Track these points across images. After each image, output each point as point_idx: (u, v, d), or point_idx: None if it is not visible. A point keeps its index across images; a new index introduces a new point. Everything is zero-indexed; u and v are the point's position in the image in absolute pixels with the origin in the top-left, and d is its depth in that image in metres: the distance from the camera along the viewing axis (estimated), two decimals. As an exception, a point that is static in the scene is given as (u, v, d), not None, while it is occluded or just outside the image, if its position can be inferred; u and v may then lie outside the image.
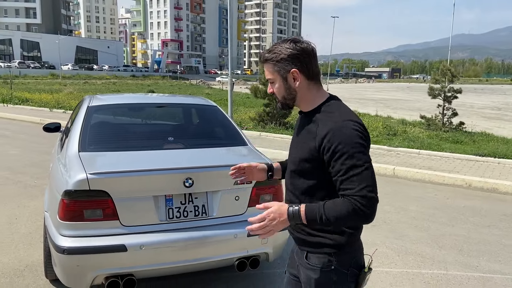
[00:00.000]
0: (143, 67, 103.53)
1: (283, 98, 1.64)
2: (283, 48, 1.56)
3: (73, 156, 3.00)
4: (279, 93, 1.63)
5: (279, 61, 1.56)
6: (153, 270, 2.78)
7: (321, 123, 1.53)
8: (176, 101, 4.15)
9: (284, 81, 1.59)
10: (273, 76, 1.61)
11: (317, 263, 1.59)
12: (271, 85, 1.66)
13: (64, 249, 2.59)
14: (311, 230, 1.60)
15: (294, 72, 1.56)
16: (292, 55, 1.55)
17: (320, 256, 1.60)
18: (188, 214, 2.85)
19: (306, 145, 1.56)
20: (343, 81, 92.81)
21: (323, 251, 1.59)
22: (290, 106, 1.66)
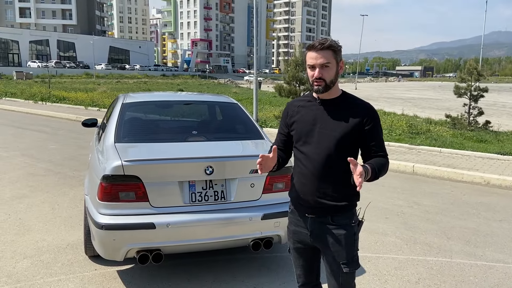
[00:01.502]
0: (173, 66, 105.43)
1: (331, 81, 1.98)
2: (335, 42, 1.98)
3: (110, 146, 3.43)
4: (329, 76, 1.97)
5: (339, 50, 1.98)
6: (178, 246, 3.17)
7: (357, 106, 2.02)
8: (201, 98, 4.55)
9: (337, 67, 1.99)
10: (331, 62, 1.95)
11: (345, 221, 2.05)
12: (321, 70, 1.95)
13: (103, 225, 3.01)
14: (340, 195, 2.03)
15: (342, 62, 2.02)
16: (341, 49, 1.99)
17: (346, 215, 2.06)
18: (209, 198, 3.22)
19: (346, 122, 1.98)
20: (372, 80, 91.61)
21: (348, 210, 2.06)
22: (329, 89, 2.00)
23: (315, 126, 2.04)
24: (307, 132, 2.06)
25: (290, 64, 11.32)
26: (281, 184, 3.44)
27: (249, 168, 3.29)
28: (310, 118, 2.07)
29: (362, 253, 4.00)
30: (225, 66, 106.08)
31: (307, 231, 2.12)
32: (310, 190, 2.06)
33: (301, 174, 2.10)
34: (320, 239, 2.09)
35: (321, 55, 1.94)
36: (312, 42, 1.98)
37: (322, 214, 2.06)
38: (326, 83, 1.97)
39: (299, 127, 2.11)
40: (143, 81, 52.98)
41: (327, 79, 1.97)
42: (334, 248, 2.06)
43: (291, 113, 2.17)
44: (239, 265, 3.71)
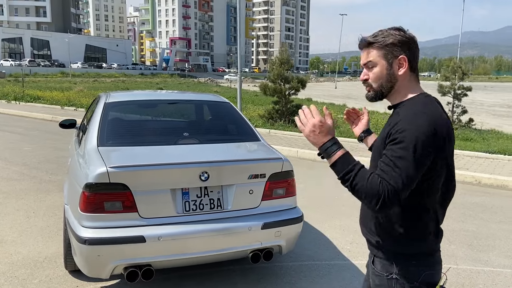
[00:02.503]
0: (151, 65, 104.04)
1: (379, 85, 1.53)
2: (390, 34, 1.50)
3: (92, 151, 3.09)
4: (377, 79, 1.53)
5: (387, 45, 1.49)
6: (170, 261, 2.87)
7: (401, 114, 1.46)
8: (190, 97, 4.25)
9: (388, 67, 1.51)
10: (375, 60, 1.51)
11: (380, 270, 1.54)
12: (366, 71, 1.56)
13: (86, 239, 2.68)
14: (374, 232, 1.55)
15: (402, 59, 1.50)
16: (402, 41, 1.49)
17: (383, 262, 1.53)
18: (204, 207, 2.94)
19: (380, 139, 1.52)
20: (351, 79, 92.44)
21: (385, 256, 1.53)
22: (384, 95, 1.55)
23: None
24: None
25: (275, 63, 11.09)
26: (281, 190, 3.18)
27: (248, 173, 3.02)
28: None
29: (365, 261, 3.75)
30: (204, 65, 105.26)
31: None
32: (361, 213, 1.70)
33: None
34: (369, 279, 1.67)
35: (365, 53, 1.54)
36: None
37: (371, 249, 1.62)
38: (373, 87, 1.55)
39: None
40: (121, 80, 52.03)
41: (373, 82, 1.54)
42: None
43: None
44: (236, 277, 3.44)
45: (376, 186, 1.35)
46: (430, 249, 1.51)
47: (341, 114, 14.75)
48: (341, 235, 4.38)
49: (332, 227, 4.59)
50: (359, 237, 4.34)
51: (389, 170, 1.36)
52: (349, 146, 9.31)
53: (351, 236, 4.37)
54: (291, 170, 3.22)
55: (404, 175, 1.34)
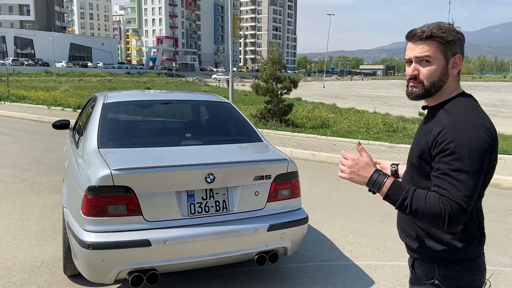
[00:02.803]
0: (137, 64, 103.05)
1: (431, 84, 1.43)
2: (449, 29, 1.41)
3: (93, 152, 3.02)
4: (430, 76, 1.43)
5: (449, 41, 1.40)
6: (176, 265, 2.82)
7: (441, 118, 1.41)
8: (190, 97, 4.18)
9: (445, 65, 1.42)
10: (434, 56, 1.41)
11: (420, 274, 1.52)
12: (417, 65, 1.45)
13: (89, 244, 2.61)
14: (414, 236, 1.52)
15: (458, 57, 1.43)
16: (459, 39, 1.42)
17: (423, 266, 1.51)
18: (209, 209, 2.89)
19: (421, 140, 1.46)
20: (338, 78, 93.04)
21: (426, 260, 1.50)
22: (432, 94, 1.46)
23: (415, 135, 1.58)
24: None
25: (267, 62, 11.05)
26: (286, 191, 3.15)
27: (253, 174, 2.99)
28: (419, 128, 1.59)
29: (367, 261, 3.78)
30: (192, 64, 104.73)
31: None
32: (398, 219, 1.66)
33: None
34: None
35: (424, 45, 1.41)
36: (412, 30, 1.46)
37: (410, 254, 1.60)
38: (424, 85, 1.44)
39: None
40: (107, 79, 51.40)
41: (425, 79, 1.43)
42: None
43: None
44: (240, 280, 3.40)
45: (436, 205, 1.31)
46: (474, 254, 1.47)
47: (332, 113, 14.83)
48: (341, 236, 4.37)
49: (332, 228, 4.58)
50: (359, 237, 4.34)
51: (448, 186, 1.31)
52: (343, 145, 9.34)
53: (351, 236, 4.36)
54: (296, 171, 3.19)
55: (465, 187, 1.30)
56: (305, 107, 15.95)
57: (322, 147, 9.10)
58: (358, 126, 11.55)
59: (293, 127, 11.15)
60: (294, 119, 12.00)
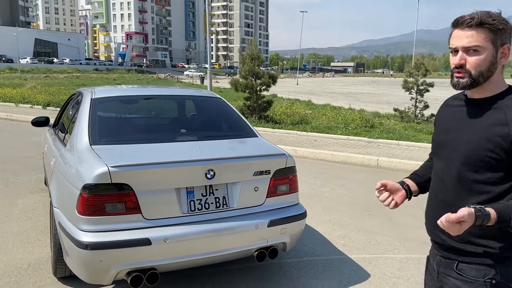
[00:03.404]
0: (106, 60, 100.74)
1: (480, 73, 1.40)
2: (499, 18, 1.37)
3: (85, 150, 2.91)
4: (479, 66, 1.39)
5: (500, 30, 1.37)
6: (176, 263, 2.75)
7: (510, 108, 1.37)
8: (182, 93, 4.09)
9: (494, 54, 1.39)
10: (483, 44, 1.38)
11: (474, 275, 1.44)
12: (464, 54, 1.41)
13: (87, 244, 2.52)
14: (472, 238, 1.44)
15: (507, 47, 1.40)
16: (510, 29, 1.39)
17: (479, 267, 1.44)
18: (210, 206, 2.84)
19: (488, 132, 1.39)
20: (310, 75, 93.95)
21: (484, 261, 1.43)
22: (479, 83, 1.42)
23: (450, 135, 1.53)
24: (441, 143, 1.59)
25: (245, 58, 10.99)
26: (284, 187, 3.13)
27: (253, 170, 2.95)
28: (449, 123, 1.56)
29: (360, 255, 3.82)
30: (163, 61, 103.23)
31: (435, 271, 1.60)
32: (435, 218, 1.50)
33: (430, 195, 1.66)
34: (444, 287, 1.56)
35: (473, 33, 1.37)
36: (460, 16, 1.42)
37: (448, 255, 1.53)
38: (472, 75, 1.40)
39: (435, 133, 1.66)
40: (75, 76, 50.02)
41: (473, 69, 1.40)
42: None
43: (437, 113, 1.69)
44: (235, 277, 3.36)
45: None
46: None
47: (309, 110, 14.94)
48: (332, 230, 4.40)
49: (322, 222, 4.60)
50: (350, 232, 4.38)
51: None
52: (324, 141, 9.42)
53: (342, 230, 4.40)
54: (294, 166, 3.18)
55: None
56: (282, 104, 15.98)
57: (303, 143, 9.15)
58: (336, 122, 11.67)
59: (273, 123, 11.16)
60: (273, 115, 12.01)
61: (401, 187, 1.73)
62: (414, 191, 1.77)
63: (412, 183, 1.77)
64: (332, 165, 7.70)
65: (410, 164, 7.42)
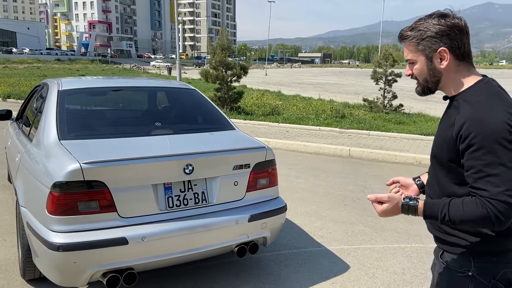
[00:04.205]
0: (68, 50, 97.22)
1: (424, 81, 1.48)
2: (429, 25, 1.40)
3: (54, 145, 2.74)
4: (420, 75, 1.48)
5: (424, 39, 1.41)
6: (155, 262, 2.65)
7: (462, 109, 1.37)
8: (156, 84, 3.94)
9: (428, 62, 1.43)
10: (414, 57, 1.46)
11: (453, 265, 1.48)
12: (409, 66, 1.50)
13: (59, 245, 2.38)
14: (449, 229, 1.47)
15: (442, 51, 1.40)
16: (441, 32, 1.38)
17: (458, 257, 1.46)
18: (188, 202, 2.74)
19: (444, 134, 1.42)
20: (279, 66, 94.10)
21: (462, 252, 1.44)
22: (432, 90, 1.49)
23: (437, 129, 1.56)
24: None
25: (216, 48, 10.81)
26: (264, 180, 3.07)
27: (233, 163, 2.87)
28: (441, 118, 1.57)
29: (339, 246, 3.83)
30: (128, 51, 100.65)
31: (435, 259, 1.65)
32: None
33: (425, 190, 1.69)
34: (435, 273, 1.61)
35: (405, 48, 1.48)
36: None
37: (438, 245, 1.57)
38: (420, 83, 1.50)
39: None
40: (36, 66, 47.93)
41: (419, 77, 1.49)
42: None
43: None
44: (216, 273, 3.28)
45: (477, 210, 1.28)
46: (511, 246, 1.43)
47: (279, 100, 14.93)
48: (310, 222, 4.39)
49: (299, 214, 4.59)
50: (327, 223, 4.38)
51: (485, 184, 1.27)
52: (296, 132, 9.43)
53: (319, 222, 4.40)
54: (274, 159, 3.12)
55: (505, 180, 1.25)
56: (252, 95, 15.90)
57: (275, 134, 9.12)
58: (308, 113, 11.71)
59: (244, 114, 11.07)
60: (244, 106, 11.92)
61: (413, 182, 1.75)
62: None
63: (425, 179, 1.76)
64: (305, 156, 7.72)
65: (381, 153, 7.54)
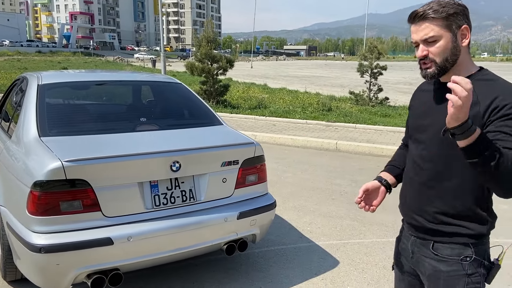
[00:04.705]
0: (49, 42, 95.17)
1: (444, 60, 1.42)
2: (448, 3, 1.40)
3: (34, 142, 2.63)
4: (442, 53, 1.41)
5: (452, 14, 1.39)
6: (141, 262, 2.58)
7: (483, 88, 1.38)
8: (140, 78, 3.83)
9: (453, 38, 1.41)
10: (439, 33, 1.40)
11: (449, 254, 1.47)
12: (424, 46, 1.43)
13: (41, 247, 2.28)
14: (446, 218, 1.47)
15: (465, 29, 1.42)
16: (462, 11, 1.41)
17: (454, 246, 1.47)
18: (176, 200, 2.67)
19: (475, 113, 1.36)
20: (264, 58, 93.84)
21: (458, 241, 1.46)
22: (448, 70, 1.44)
23: (425, 119, 1.53)
24: (417, 126, 1.58)
25: (202, 41, 10.66)
26: (253, 177, 3.02)
27: (221, 160, 2.81)
28: (423, 107, 1.57)
29: (328, 241, 3.81)
30: (111, 43, 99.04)
31: (410, 252, 1.63)
32: (411, 201, 1.59)
33: (405, 179, 1.66)
34: (419, 267, 1.60)
35: (425, 26, 1.41)
36: (413, 11, 1.46)
37: (423, 236, 1.55)
38: (437, 63, 1.43)
39: (411, 118, 1.66)
40: (16, 59, 46.77)
41: (437, 57, 1.42)
42: (429, 285, 1.56)
43: (411, 98, 1.71)
44: (204, 271, 3.22)
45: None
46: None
47: (266, 94, 14.86)
48: (298, 217, 4.36)
49: (287, 209, 4.55)
50: (315, 218, 4.36)
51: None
52: (283, 125, 9.39)
53: (308, 217, 4.37)
54: (263, 155, 3.06)
55: None
56: (238, 88, 15.79)
57: (262, 128, 9.07)
58: (294, 106, 11.68)
59: (230, 108, 10.98)
60: (230, 100, 11.82)
61: (379, 184, 1.74)
62: (393, 183, 1.78)
63: (390, 176, 1.78)
64: (292, 149, 7.69)
65: (368, 146, 7.55)
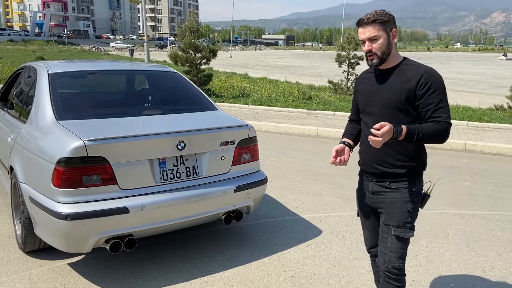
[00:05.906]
0: (21, 30, 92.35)
1: (382, 53, 2.04)
2: (384, 14, 2.04)
3: (52, 125, 2.96)
4: (380, 48, 2.04)
5: (387, 21, 2.03)
6: (152, 229, 2.95)
7: (411, 71, 2.03)
8: (141, 68, 4.15)
9: (388, 38, 2.04)
10: (378, 34, 2.02)
11: (402, 186, 2.10)
12: (369, 43, 2.04)
13: (67, 215, 2.63)
14: (398, 162, 2.10)
15: (395, 31, 2.06)
16: (393, 19, 2.06)
17: (404, 181, 2.10)
18: (181, 175, 3.04)
19: (400, 88, 2.02)
20: (243, 48, 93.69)
21: (407, 178, 2.10)
22: (384, 60, 2.06)
23: (373, 96, 2.14)
24: (367, 103, 2.18)
25: (185, 31, 10.89)
26: (247, 155, 3.41)
27: (220, 140, 3.19)
28: (370, 89, 2.18)
29: (311, 214, 4.25)
30: (85, 31, 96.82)
31: (370, 194, 2.23)
32: (370, 158, 2.18)
33: (363, 143, 2.21)
34: (379, 202, 2.18)
35: (370, 28, 2.02)
36: (360, 18, 2.07)
37: (381, 179, 2.15)
38: (378, 55, 2.05)
39: (361, 98, 2.25)
40: (-12, 48, 45.41)
41: (378, 51, 2.04)
42: (387, 210, 2.14)
43: (356, 84, 2.33)
44: (204, 241, 3.62)
45: (438, 128, 1.97)
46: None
47: (247, 83, 15.19)
48: (284, 195, 4.79)
49: (273, 188, 4.97)
50: (300, 195, 4.80)
51: (440, 113, 1.98)
52: (266, 113, 9.76)
53: (293, 195, 4.80)
54: (255, 136, 3.46)
55: (448, 111, 2.02)
56: (220, 77, 16.07)
57: (246, 116, 9.44)
58: (276, 95, 12.08)
59: (214, 97, 11.30)
60: (213, 89, 12.12)
61: (344, 146, 2.29)
62: (353, 144, 2.36)
63: (349, 140, 2.36)
64: (275, 136, 8.11)
65: (346, 133, 8.04)
